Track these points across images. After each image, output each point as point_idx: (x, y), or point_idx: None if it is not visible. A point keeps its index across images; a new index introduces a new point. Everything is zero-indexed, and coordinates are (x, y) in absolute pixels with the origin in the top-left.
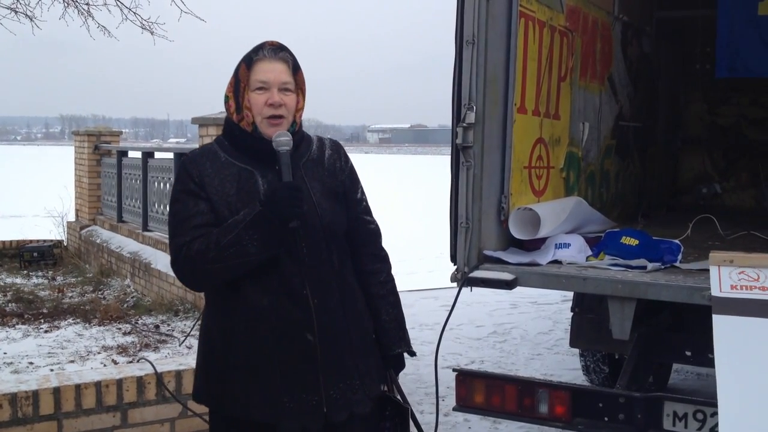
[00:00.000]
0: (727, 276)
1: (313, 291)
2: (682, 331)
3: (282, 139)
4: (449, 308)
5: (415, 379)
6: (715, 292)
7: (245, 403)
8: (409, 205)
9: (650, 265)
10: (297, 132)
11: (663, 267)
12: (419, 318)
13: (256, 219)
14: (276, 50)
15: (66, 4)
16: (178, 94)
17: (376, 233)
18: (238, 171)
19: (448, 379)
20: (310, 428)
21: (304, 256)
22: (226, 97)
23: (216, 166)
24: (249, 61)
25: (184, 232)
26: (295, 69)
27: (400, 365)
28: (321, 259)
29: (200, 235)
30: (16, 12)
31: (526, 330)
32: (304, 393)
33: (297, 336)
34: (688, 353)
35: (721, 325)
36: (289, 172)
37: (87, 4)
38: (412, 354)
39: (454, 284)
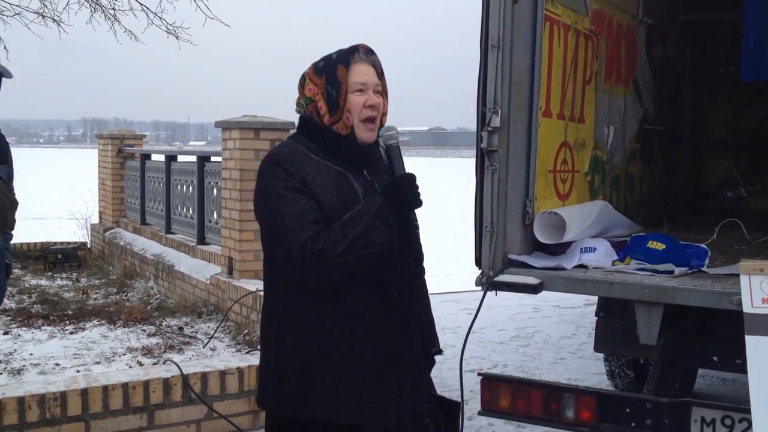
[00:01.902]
0: (758, 287)
1: (399, 292)
2: (708, 335)
3: (391, 133)
4: (471, 311)
5: (438, 382)
6: (746, 308)
7: (332, 404)
8: (429, 208)
9: (677, 270)
10: None
11: (690, 272)
12: (441, 321)
13: (381, 209)
14: (368, 53)
15: (93, 9)
16: (197, 97)
17: (419, 236)
18: (335, 173)
19: (471, 383)
20: (389, 427)
21: (396, 258)
22: (309, 99)
23: (313, 166)
24: (347, 62)
25: (303, 228)
26: (381, 73)
27: (432, 363)
28: (406, 260)
29: (319, 230)
30: (43, 17)
31: (549, 334)
32: (384, 393)
33: (389, 338)
34: (715, 358)
35: (755, 346)
36: (402, 164)
37: (113, 9)
38: (441, 353)
39: (478, 288)
